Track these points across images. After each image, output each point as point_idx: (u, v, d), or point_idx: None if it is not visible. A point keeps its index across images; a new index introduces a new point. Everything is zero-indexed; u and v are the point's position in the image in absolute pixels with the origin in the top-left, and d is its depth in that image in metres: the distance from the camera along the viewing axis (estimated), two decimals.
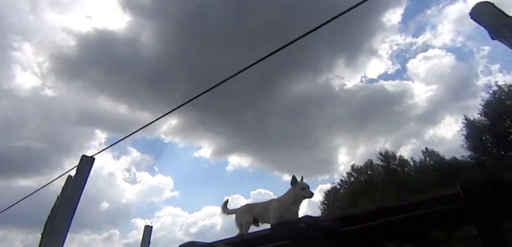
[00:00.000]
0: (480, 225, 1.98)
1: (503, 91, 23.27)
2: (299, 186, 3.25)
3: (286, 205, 3.18)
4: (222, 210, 4.05)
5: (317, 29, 3.53)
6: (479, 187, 1.42)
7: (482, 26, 4.20)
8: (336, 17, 3.45)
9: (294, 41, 3.64)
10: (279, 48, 3.65)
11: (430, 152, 28.04)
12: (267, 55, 3.78)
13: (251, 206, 3.69)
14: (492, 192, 1.37)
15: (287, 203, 3.20)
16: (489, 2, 4.22)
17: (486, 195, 1.42)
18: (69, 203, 4.34)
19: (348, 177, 31.04)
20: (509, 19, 3.75)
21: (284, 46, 3.65)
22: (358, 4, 3.36)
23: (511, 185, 1.36)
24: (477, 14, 4.19)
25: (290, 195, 3.27)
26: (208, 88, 4.43)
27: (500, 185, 1.29)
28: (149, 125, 5.17)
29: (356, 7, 3.33)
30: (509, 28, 3.70)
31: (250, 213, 3.56)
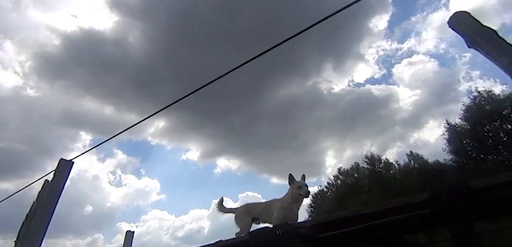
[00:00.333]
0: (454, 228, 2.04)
1: (482, 97, 24.13)
2: (296, 185, 3.20)
3: (288, 205, 3.13)
4: (218, 208, 3.90)
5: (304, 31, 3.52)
6: (447, 193, 1.47)
7: (459, 35, 4.35)
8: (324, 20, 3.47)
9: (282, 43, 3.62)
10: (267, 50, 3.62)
11: (414, 155, 28.72)
12: (255, 57, 3.75)
13: (251, 206, 3.57)
14: (459, 198, 1.43)
15: (288, 203, 3.16)
16: (466, 12, 4.35)
17: (453, 200, 1.48)
18: (45, 209, 4.19)
19: (335, 180, 31.43)
20: (484, 29, 3.88)
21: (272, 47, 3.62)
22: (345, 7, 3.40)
23: (477, 191, 1.42)
24: (455, 23, 4.32)
25: (289, 195, 3.22)
26: (196, 89, 4.36)
27: (467, 191, 1.34)
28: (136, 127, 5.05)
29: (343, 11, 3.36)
30: (484, 38, 3.83)
31: (250, 214, 3.45)
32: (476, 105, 24.08)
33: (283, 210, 3.10)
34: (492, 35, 3.73)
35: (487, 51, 3.72)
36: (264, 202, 3.53)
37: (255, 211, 3.45)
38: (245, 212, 3.49)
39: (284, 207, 3.13)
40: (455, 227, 1.96)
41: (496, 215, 1.58)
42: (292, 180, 3.27)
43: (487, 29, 3.84)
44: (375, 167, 28.68)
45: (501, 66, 3.59)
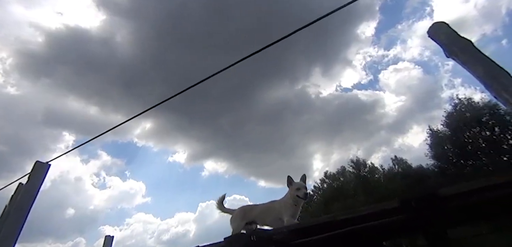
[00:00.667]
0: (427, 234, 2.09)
1: (463, 104, 24.97)
2: (294, 186, 3.11)
3: (290, 205, 3.06)
4: (218, 207, 3.73)
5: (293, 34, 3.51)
6: (416, 201, 1.51)
7: (438, 44, 4.48)
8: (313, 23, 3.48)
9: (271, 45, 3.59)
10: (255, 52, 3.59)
11: (398, 159, 29.35)
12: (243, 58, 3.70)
13: (247, 208, 3.46)
14: (428, 205, 1.47)
15: (289, 205, 3.08)
16: (444, 23, 4.48)
17: (422, 208, 1.52)
18: (18, 213, 4.01)
19: (321, 184, 31.68)
20: (461, 39, 4.00)
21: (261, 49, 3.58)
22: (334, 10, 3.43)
23: (445, 199, 1.46)
24: (434, 33, 4.43)
25: (288, 197, 3.14)
26: (183, 90, 4.27)
27: (436, 199, 1.37)
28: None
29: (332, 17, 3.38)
30: (461, 48, 3.94)
31: (245, 217, 3.33)
32: (457, 112, 24.90)
33: (291, 211, 3.02)
34: (468, 45, 3.86)
35: (464, 61, 3.84)
36: (262, 204, 3.44)
37: (251, 214, 3.34)
38: (240, 215, 3.39)
39: (292, 209, 3.05)
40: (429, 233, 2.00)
41: (466, 221, 1.63)
42: (291, 181, 3.18)
43: (463, 40, 3.97)
44: (361, 171, 29.15)
45: (476, 75, 3.71)
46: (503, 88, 3.31)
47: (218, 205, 3.71)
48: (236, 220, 3.34)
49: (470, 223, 1.84)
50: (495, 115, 22.39)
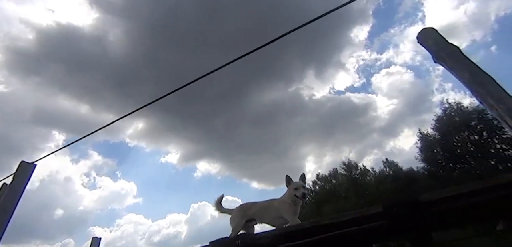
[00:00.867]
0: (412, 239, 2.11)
1: (453, 108, 25.43)
2: (293, 186, 3.07)
3: (289, 205, 3.02)
4: (216, 207, 3.66)
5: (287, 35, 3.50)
6: (397, 206, 1.52)
7: (427, 50, 4.54)
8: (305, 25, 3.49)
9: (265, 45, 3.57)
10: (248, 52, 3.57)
11: (389, 162, 29.68)
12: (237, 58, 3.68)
13: (246, 206, 3.40)
14: (409, 211, 1.49)
15: (289, 203, 3.04)
16: (433, 29, 4.55)
17: (404, 213, 1.54)
18: (1, 214, 3.91)
19: (313, 185, 31.80)
20: (448, 45, 4.08)
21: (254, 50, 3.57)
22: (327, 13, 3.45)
23: (426, 204, 1.49)
24: (423, 38, 4.50)
25: (287, 196, 3.11)
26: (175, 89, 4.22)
27: (417, 205, 1.39)
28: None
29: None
30: (448, 54, 4.01)
31: (244, 215, 3.27)
32: (447, 116, 25.34)
33: (293, 210, 2.99)
34: (455, 51, 3.93)
35: (451, 67, 3.90)
36: (261, 202, 3.40)
37: (250, 212, 3.29)
38: (239, 213, 3.33)
39: (292, 207, 3.02)
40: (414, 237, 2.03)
41: (447, 226, 1.66)
42: (289, 181, 3.14)
43: (451, 46, 4.04)
44: (352, 173, 29.38)
45: (462, 81, 3.77)
46: (488, 94, 3.38)
47: (217, 205, 3.65)
48: (236, 218, 3.29)
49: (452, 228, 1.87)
50: (483, 120, 22.85)
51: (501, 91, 3.37)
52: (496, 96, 3.29)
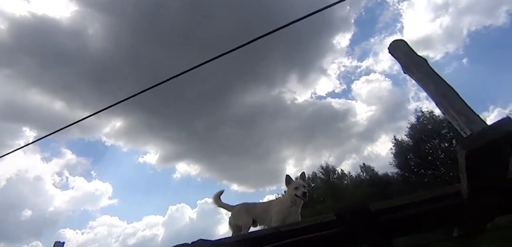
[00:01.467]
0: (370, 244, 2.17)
1: (425, 116, 26.58)
2: (293, 185, 2.99)
3: (287, 208, 2.93)
4: (215, 201, 3.51)
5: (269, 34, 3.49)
6: (349, 214, 1.56)
7: (396, 60, 4.69)
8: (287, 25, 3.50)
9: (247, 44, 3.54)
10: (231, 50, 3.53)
11: (366, 167, 30.52)
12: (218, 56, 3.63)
13: (250, 206, 3.28)
14: (361, 219, 1.53)
15: (286, 205, 2.96)
16: (403, 40, 4.72)
17: (355, 221, 1.58)
18: None
19: None
20: (417, 57, 4.24)
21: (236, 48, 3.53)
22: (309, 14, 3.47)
23: (378, 212, 1.54)
24: (393, 49, 4.65)
25: (287, 196, 3.03)
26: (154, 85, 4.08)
27: (368, 213, 1.44)
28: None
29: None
30: (416, 65, 4.17)
31: (249, 214, 3.15)
32: (420, 124, 26.43)
33: (282, 213, 2.89)
34: (422, 63, 4.08)
35: (418, 78, 4.05)
36: (262, 203, 3.34)
37: (254, 212, 3.18)
38: (245, 210, 3.21)
39: (282, 210, 2.93)
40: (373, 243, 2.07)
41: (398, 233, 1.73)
42: (289, 180, 3.06)
43: (419, 58, 4.19)
44: (330, 178, 29.95)
45: (428, 92, 3.92)
46: (450, 106, 3.53)
47: (215, 199, 3.53)
48: (242, 216, 3.16)
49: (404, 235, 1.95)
50: (453, 128, 24.02)
51: (462, 103, 3.53)
52: (458, 108, 3.45)
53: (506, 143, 1.05)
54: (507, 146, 1.06)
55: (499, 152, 1.08)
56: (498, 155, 1.10)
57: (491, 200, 1.45)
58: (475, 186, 1.30)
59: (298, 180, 3.13)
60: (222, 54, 3.60)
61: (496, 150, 1.06)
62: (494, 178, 1.29)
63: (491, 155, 1.09)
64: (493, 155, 1.10)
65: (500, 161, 1.17)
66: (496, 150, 1.06)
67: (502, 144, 1.04)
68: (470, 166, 1.18)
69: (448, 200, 1.52)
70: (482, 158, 1.12)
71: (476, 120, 3.34)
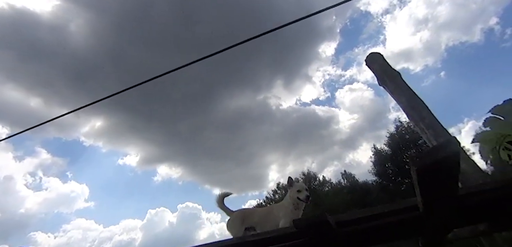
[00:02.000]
0: None
1: (404, 126, 27.47)
2: (295, 188, 2.89)
3: (290, 212, 2.84)
4: (218, 203, 3.38)
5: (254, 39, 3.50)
6: (307, 227, 1.58)
7: (372, 72, 4.81)
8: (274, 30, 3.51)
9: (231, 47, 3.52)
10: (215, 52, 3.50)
11: (347, 174, 31.13)
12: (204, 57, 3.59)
13: (247, 213, 3.17)
14: (321, 232, 1.56)
15: (289, 209, 2.86)
16: (379, 54, 4.87)
17: (314, 233, 1.61)
18: None
19: (273, 194, 32.22)
20: (391, 70, 4.38)
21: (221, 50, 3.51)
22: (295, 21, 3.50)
23: (339, 224, 1.57)
24: (370, 62, 4.79)
25: (289, 200, 2.91)
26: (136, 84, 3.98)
27: (326, 225, 1.46)
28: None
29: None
30: (390, 78, 4.31)
31: (244, 222, 3.03)
32: (398, 133, 27.30)
33: (287, 218, 2.79)
34: (396, 77, 4.24)
35: (391, 90, 4.20)
36: (262, 209, 3.27)
37: (251, 219, 3.07)
38: (239, 219, 3.08)
39: (287, 215, 2.82)
40: None
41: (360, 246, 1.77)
42: (292, 182, 2.98)
43: (393, 71, 4.35)
44: (311, 184, 30.28)
45: (400, 104, 4.05)
46: (420, 119, 3.67)
47: (219, 201, 3.40)
48: (235, 225, 3.06)
49: None
50: None
51: (431, 117, 3.68)
52: (427, 122, 3.60)
53: (452, 162, 1.09)
54: (454, 164, 1.11)
55: (447, 169, 1.12)
56: (447, 172, 1.14)
57: (446, 213, 1.50)
58: (428, 200, 1.35)
59: (300, 183, 3.08)
60: (208, 56, 3.58)
61: (444, 168, 1.11)
62: (446, 194, 1.34)
63: (440, 172, 1.13)
64: (442, 172, 1.14)
65: (449, 178, 1.22)
66: (444, 167, 1.10)
67: (449, 162, 1.09)
68: (421, 182, 1.22)
69: (407, 212, 1.56)
70: (432, 175, 1.16)
71: (443, 134, 3.48)
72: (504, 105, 1.88)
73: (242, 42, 3.57)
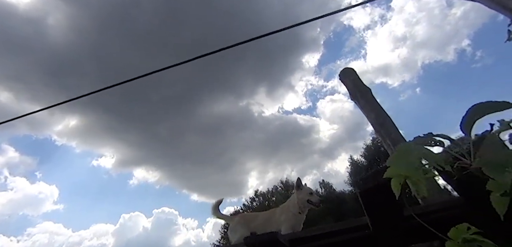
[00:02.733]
0: None
1: (379, 139, 28.36)
2: (306, 190, 2.82)
3: (294, 215, 2.76)
4: (213, 212, 3.27)
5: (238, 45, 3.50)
6: (258, 244, 1.58)
7: (345, 87, 4.93)
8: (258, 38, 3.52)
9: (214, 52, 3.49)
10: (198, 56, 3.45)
11: (325, 183, 31.50)
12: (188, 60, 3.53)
13: (248, 217, 3.13)
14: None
15: (293, 212, 2.78)
16: (352, 69, 5.00)
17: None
18: None
19: (251, 202, 32.08)
20: (362, 86, 4.51)
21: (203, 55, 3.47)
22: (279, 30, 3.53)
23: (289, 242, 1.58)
24: (344, 76, 4.91)
25: (294, 202, 2.83)
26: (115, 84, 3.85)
27: (277, 243, 1.47)
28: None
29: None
30: (361, 94, 4.42)
31: (247, 226, 2.94)
32: (374, 145, 28.09)
33: (290, 221, 2.72)
34: (367, 92, 4.36)
35: (362, 106, 4.31)
36: (264, 213, 3.16)
37: (253, 224, 2.99)
38: (242, 224, 3.01)
39: (290, 218, 2.76)
40: None
41: None
42: (300, 184, 2.90)
43: (364, 87, 4.49)
44: (289, 192, 30.45)
45: (369, 120, 4.17)
46: (387, 135, 3.79)
47: (214, 210, 3.30)
48: (238, 230, 2.97)
49: None
50: None
51: (397, 134, 3.81)
52: (393, 137, 3.72)
53: None
54: None
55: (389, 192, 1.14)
56: (389, 195, 1.17)
57: (394, 233, 1.55)
58: (375, 220, 1.38)
59: (309, 187, 3.05)
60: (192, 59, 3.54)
61: (386, 191, 1.13)
62: (391, 215, 1.37)
63: (382, 194, 1.16)
64: (385, 195, 1.17)
65: (392, 200, 1.24)
66: (386, 190, 1.12)
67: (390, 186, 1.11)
68: (365, 204, 1.26)
69: (359, 231, 1.60)
70: (375, 197, 1.19)
71: None
72: None
73: (226, 47, 3.58)
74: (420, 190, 0.72)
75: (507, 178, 0.55)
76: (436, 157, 0.68)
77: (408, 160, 0.72)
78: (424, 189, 0.71)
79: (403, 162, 0.74)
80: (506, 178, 0.55)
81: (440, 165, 0.64)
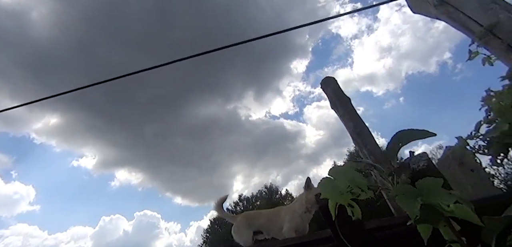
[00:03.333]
0: None
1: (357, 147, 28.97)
2: (315, 191, 2.72)
3: (300, 215, 2.70)
4: (216, 209, 3.19)
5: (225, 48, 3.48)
6: None
7: (326, 95, 4.99)
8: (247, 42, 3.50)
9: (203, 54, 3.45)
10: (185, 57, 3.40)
11: None
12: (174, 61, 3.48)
13: (252, 216, 3.02)
14: None
15: (299, 212, 2.72)
16: (333, 78, 5.06)
17: None
18: None
19: (234, 206, 31.90)
20: (342, 95, 4.58)
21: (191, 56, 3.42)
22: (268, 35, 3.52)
23: None
24: (324, 85, 4.97)
25: (302, 202, 2.76)
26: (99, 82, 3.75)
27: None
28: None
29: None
30: (341, 103, 4.48)
31: (251, 226, 2.88)
32: (357, 152, 28.69)
33: (295, 221, 2.68)
34: (347, 102, 4.43)
35: (341, 115, 4.38)
36: (268, 211, 3.09)
37: (257, 223, 2.92)
38: (245, 224, 2.93)
39: (295, 218, 2.71)
40: None
41: None
42: (309, 184, 2.82)
43: (344, 96, 4.56)
44: (272, 197, 30.52)
45: (347, 129, 4.24)
46: (363, 145, 3.86)
47: (217, 207, 3.21)
48: (242, 230, 2.89)
49: None
50: None
51: (374, 144, 3.90)
52: (370, 147, 3.80)
53: None
54: None
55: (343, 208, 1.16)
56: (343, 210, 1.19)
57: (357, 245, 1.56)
58: (336, 234, 1.39)
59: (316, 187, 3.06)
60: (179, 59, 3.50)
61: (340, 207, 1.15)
62: (353, 228, 1.38)
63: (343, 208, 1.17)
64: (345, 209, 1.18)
65: None
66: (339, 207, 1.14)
67: None
68: (326, 218, 1.26)
69: (323, 243, 1.61)
70: None
71: (382, 160, 3.68)
72: None
73: (215, 49, 3.58)
74: (355, 211, 0.75)
75: (415, 208, 0.59)
76: (361, 182, 0.70)
77: (334, 185, 0.76)
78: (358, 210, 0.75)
79: (329, 187, 0.78)
80: (414, 208, 0.59)
81: (363, 189, 0.65)
